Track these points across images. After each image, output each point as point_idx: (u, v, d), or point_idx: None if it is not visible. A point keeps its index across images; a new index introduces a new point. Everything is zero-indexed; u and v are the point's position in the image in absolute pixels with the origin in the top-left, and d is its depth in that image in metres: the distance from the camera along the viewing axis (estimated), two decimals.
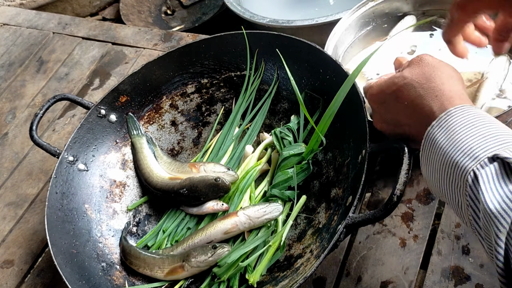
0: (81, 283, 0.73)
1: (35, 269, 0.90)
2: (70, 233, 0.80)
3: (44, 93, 1.22)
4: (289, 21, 1.20)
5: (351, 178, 0.74)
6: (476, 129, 0.52)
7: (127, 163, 0.93)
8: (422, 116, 0.59)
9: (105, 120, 0.92)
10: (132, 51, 1.25)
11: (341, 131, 0.80)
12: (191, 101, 0.98)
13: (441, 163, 0.53)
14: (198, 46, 0.95)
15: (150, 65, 0.94)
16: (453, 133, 0.53)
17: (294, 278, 0.69)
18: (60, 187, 0.83)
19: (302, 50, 0.87)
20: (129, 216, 0.89)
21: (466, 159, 0.50)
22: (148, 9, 1.97)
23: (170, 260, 0.78)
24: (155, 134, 0.96)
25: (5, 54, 1.35)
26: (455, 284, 0.72)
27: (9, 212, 1.00)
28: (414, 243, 0.77)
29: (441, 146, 0.54)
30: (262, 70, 0.94)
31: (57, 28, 1.38)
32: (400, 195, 0.61)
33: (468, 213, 0.50)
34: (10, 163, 1.09)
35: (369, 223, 0.63)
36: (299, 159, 0.83)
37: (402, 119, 0.64)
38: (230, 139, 0.93)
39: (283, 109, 0.93)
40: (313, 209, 0.81)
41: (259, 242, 0.78)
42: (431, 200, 0.81)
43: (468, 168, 0.49)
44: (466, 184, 0.49)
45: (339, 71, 0.80)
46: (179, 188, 0.84)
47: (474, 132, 0.51)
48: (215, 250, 0.75)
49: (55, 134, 1.12)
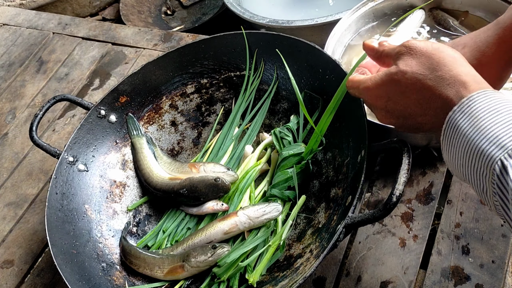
0: (81, 283, 0.73)
1: (35, 269, 0.90)
2: (70, 234, 0.80)
3: (44, 94, 1.22)
4: (289, 21, 1.20)
5: (351, 178, 0.74)
6: (501, 115, 0.51)
7: (127, 164, 0.93)
8: (438, 105, 0.57)
9: (105, 121, 0.92)
10: (132, 51, 1.25)
11: (341, 131, 0.80)
12: (191, 101, 0.98)
13: (465, 150, 0.53)
14: (198, 46, 0.95)
15: (150, 65, 0.94)
16: (477, 120, 0.52)
17: (294, 278, 0.69)
18: (60, 187, 0.83)
19: (302, 50, 0.87)
20: (129, 216, 0.89)
21: (492, 147, 0.49)
22: (148, 9, 1.97)
23: (170, 260, 0.78)
24: (155, 134, 0.96)
25: (5, 54, 1.35)
26: (455, 284, 0.72)
27: (9, 212, 1.00)
28: (414, 243, 0.77)
29: (465, 133, 0.53)
30: (261, 70, 0.94)
31: (57, 28, 1.38)
32: (400, 195, 0.61)
33: (494, 199, 0.50)
34: (10, 163, 1.09)
35: (368, 223, 0.63)
36: (299, 159, 0.83)
37: (414, 111, 0.62)
38: (230, 139, 0.93)
39: (282, 109, 0.94)
40: (312, 209, 0.81)
41: (259, 242, 0.78)
42: (431, 200, 0.81)
43: (495, 157, 0.49)
44: (493, 173, 0.49)
45: (339, 71, 0.80)
46: (179, 188, 0.84)
47: (499, 119, 0.51)
48: (215, 250, 0.75)
49: (55, 135, 1.12)
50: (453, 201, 0.80)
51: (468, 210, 0.78)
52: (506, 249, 0.73)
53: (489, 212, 0.77)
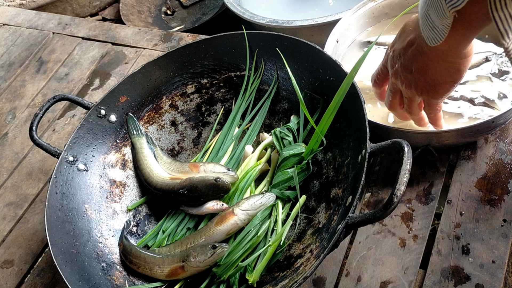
0: (81, 283, 0.73)
1: (35, 269, 0.90)
2: (70, 233, 0.80)
3: (44, 93, 1.22)
4: (289, 21, 1.20)
5: (351, 178, 0.74)
6: None
7: (127, 163, 0.93)
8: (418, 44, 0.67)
9: (105, 120, 0.92)
10: (132, 51, 1.25)
11: (341, 131, 0.80)
12: (191, 101, 0.98)
13: None
14: (198, 46, 0.95)
15: (150, 65, 0.94)
16: None
17: (294, 278, 0.69)
18: (60, 187, 0.83)
19: (302, 50, 0.87)
20: (129, 216, 0.89)
21: None
22: (148, 9, 1.97)
23: (170, 260, 0.78)
24: (155, 134, 0.96)
25: (5, 54, 1.35)
26: (455, 284, 0.72)
27: (9, 212, 1.00)
28: (413, 243, 0.77)
29: None
30: (262, 70, 0.94)
31: (57, 28, 1.38)
32: (401, 195, 0.61)
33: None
34: (10, 163, 1.09)
35: (369, 223, 0.63)
36: (299, 159, 0.83)
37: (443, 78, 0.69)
38: (230, 139, 0.93)
39: (283, 109, 0.94)
40: (313, 209, 0.81)
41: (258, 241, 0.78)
42: (431, 200, 0.81)
43: None
44: None
45: (339, 71, 0.80)
46: (179, 188, 0.84)
47: None
48: (215, 250, 0.75)
49: (55, 134, 1.12)
50: (453, 201, 0.80)
51: (468, 210, 0.78)
52: (506, 249, 0.73)
53: (489, 212, 0.77)
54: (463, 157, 0.85)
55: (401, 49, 0.72)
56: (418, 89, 0.71)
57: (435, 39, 0.62)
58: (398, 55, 0.72)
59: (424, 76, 0.69)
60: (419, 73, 0.70)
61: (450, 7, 0.56)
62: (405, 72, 0.72)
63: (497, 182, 0.80)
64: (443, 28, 0.60)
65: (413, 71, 0.70)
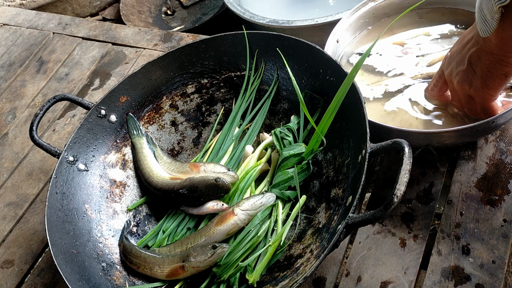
0: (81, 283, 0.73)
1: (35, 269, 0.90)
2: (70, 233, 0.80)
3: (44, 93, 1.22)
4: (289, 21, 1.20)
5: (351, 178, 0.74)
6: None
7: (127, 163, 0.93)
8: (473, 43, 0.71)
9: (105, 120, 0.92)
10: (132, 51, 1.25)
11: (341, 131, 0.80)
12: (191, 101, 0.98)
13: None
14: (198, 46, 0.95)
15: (150, 65, 0.94)
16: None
17: (294, 278, 0.69)
18: (60, 187, 0.83)
19: (302, 51, 0.87)
20: (129, 216, 0.89)
21: None
22: (148, 9, 1.97)
23: (170, 260, 0.78)
24: (155, 134, 0.96)
25: (5, 54, 1.35)
26: (455, 284, 0.72)
27: (9, 212, 1.00)
28: (414, 243, 0.77)
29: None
30: (262, 70, 0.94)
31: (57, 28, 1.38)
32: (401, 195, 0.61)
33: None
34: (10, 163, 1.09)
35: (369, 223, 0.63)
36: (299, 159, 0.83)
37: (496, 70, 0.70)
38: (230, 139, 0.93)
39: (283, 109, 0.94)
40: (313, 209, 0.81)
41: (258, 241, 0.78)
42: (431, 200, 0.81)
43: None
44: None
45: (339, 71, 0.80)
46: (179, 188, 0.84)
47: None
48: (215, 250, 0.75)
49: (55, 134, 1.12)
50: (453, 201, 0.80)
51: (468, 210, 0.78)
52: (506, 249, 0.73)
53: (489, 212, 0.77)
54: (463, 157, 0.85)
55: (458, 49, 0.76)
56: (470, 84, 0.74)
57: (486, 31, 0.67)
58: (455, 52, 0.76)
59: (476, 67, 0.72)
60: (471, 64, 0.73)
61: (497, 3, 0.62)
62: (459, 66, 0.75)
63: (497, 182, 0.80)
64: (492, 22, 0.65)
65: (466, 63, 0.73)
